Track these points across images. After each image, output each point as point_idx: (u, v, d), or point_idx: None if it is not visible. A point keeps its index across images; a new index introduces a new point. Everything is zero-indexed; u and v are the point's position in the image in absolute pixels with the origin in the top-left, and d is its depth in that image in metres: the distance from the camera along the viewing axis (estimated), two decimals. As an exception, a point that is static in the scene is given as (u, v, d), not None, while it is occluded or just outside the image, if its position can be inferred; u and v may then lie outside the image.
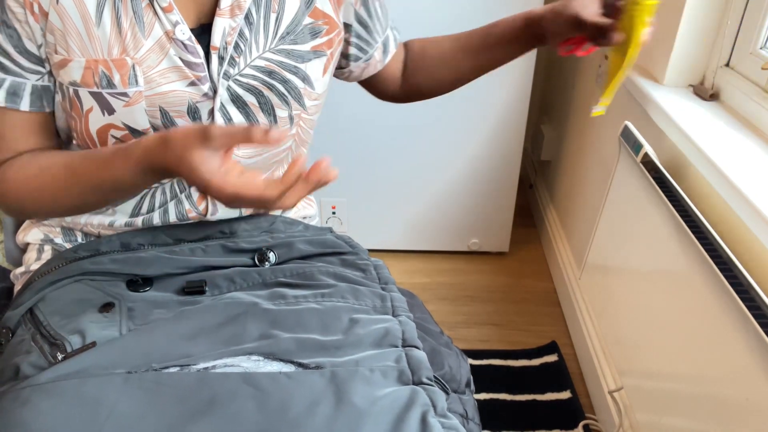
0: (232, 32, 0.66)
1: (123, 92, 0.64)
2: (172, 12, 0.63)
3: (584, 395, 1.38)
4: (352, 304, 0.68)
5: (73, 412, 0.53)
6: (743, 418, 0.72)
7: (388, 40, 0.84)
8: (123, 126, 0.66)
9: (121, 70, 0.63)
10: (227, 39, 0.66)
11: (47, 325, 0.64)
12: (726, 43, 1.01)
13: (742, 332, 0.72)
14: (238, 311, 0.64)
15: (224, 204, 0.57)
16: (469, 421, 0.69)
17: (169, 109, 0.67)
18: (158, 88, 0.65)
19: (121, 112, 0.65)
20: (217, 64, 0.66)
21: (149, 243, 0.74)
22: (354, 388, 0.56)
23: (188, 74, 0.65)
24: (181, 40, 0.64)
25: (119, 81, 0.63)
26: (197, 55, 0.65)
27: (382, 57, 0.84)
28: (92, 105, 0.65)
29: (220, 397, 0.54)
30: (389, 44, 0.85)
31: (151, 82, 0.64)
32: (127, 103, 0.65)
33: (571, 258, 1.64)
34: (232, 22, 0.66)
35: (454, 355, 0.76)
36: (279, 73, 0.70)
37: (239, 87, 0.69)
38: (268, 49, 0.69)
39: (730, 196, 0.79)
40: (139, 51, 0.63)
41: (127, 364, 0.57)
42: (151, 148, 0.58)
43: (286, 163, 0.83)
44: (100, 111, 0.65)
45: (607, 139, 1.38)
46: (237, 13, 0.66)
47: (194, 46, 0.65)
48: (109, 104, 0.65)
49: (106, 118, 0.66)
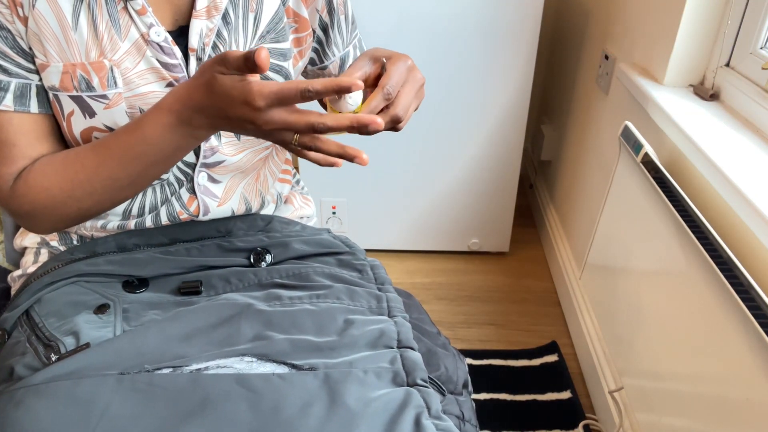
0: (209, 33, 0.66)
1: (102, 94, 0.64)
2: (146, 14, 0.63)
3: (584, 395, 1.38)
4: (348, 305, 0.68)
5: (66, 413, 0.52)
6: (743, 418, 0.72)
7: (347, 57, 0.83)
8: (105, 128, 0.66)
9: (100, 72, 0.63)
10: (205, 40, 0.66)
11: (42, 326, 0.64)
12: (726, 43, 1.01)
13: (742, 332, 0.72)
14: (233, 312, 0.64)
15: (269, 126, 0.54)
16: (465, 423, 0.69)
17: None
18: (137, 89, 0.65)
19: (102, 115, 0.65)
20: (196, 66, 0.66)
21: (145, 243, 0.74)
22: (347, 390, 0.55)
23: (166, 75, 0.65)
24: (156, 42, 0.64)
25: (98, 83, 0.63)
26: (174, 56, 0.65)
27: (337, 72, 0.84)
28: (73, 108, 0.65)
29: (212, 399, 0.54)
30: (347, 61, 0.84)
31: (129, 84, 0.64)
32: (107, 105, 0.64)
33: (571, 258, 1.63)
34: (209, 23, 0.66)
35: (451, 356, 0.75)
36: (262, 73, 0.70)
37: None
38: (248, 49, 0.69)
39: (730, 196, 0.78)
40: (117, 53, 0.63)
41: (120, 365, 0.57)
42: (182, 87, 0.58)
43: (271, 161, 0.82)
44: (81, 114, 0.65)
45: (607, 139, 1.37)
46: (214, 14, 0.66)
47: (171, 48, 0.64)
48: (89, 107, 0.64)
49: (88, 120, 0.66)
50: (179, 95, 0.58)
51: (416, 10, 1.47)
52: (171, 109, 0.59)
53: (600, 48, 1.47)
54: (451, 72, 1.54)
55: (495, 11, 1.46)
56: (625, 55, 1.28)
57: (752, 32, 0.95)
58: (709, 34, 1.03)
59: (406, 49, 1.51)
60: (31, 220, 0.66)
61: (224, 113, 0.55)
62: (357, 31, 0.84)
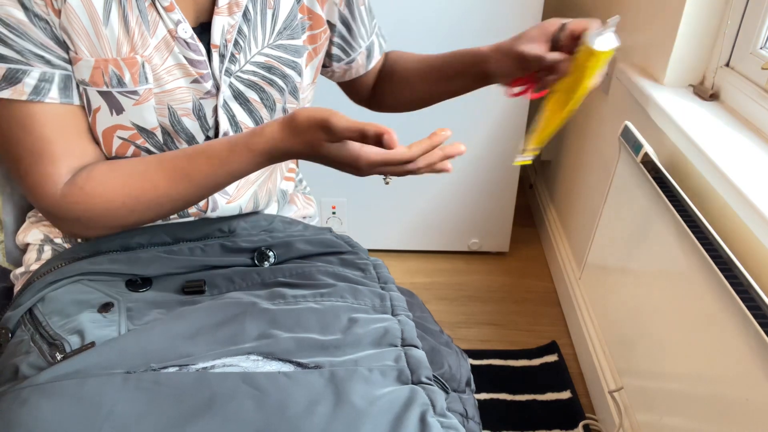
0: (231, 30, 0.67)
1: (133, 90, 0.64)
2: (174, 11, 0.64)
3: (584, 395, 1.38)
4: (351, 304, 0.68)
5: (72, 412, 0.52)
6: (743, 418, 0.72)
7: (372, 46, 0.84)
8: (131, 125, 0.66)
9: (132, 68, 0.63)
10: (227, 37, 0.67)
11: (46, 325, 0.64)
12: (726, 43, 1.01)
13: (742, 332, 0.72)
14: (237, 311, 0.64)
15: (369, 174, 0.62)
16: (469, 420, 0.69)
17: (177, 107, 0.67)
18: (166, 85, 0.65)
19: (131, 111, 0.65)
20: (218, 62, 0.67)
21: (148, 242, 0.74)
22: (353, 388, 0.56)
23: (192, 72, 0.66)
24: (183, 39, 0.65)
25: (130, 79, 0.63)
26: (200, 52, 0.66)
27: (365, 62, 0.85)
28: (100, 104, 0.65)
29: (218, 397, 0.54)
30: (374, 50, 0.85)
31: (159, 80, 0.65)
32: (137, 102, 0.65)
33: (571, 258, 1.64)
34: (231, 20, 0.66)
35: (453, 354, 0.76)
36: (278, 69, 0.71)
37: (241, 83, 0.70)
38: (266, 45, 0.70)
39: (730, 196, 0.78)
40: (147, 49, 0.63)
41: (125, 364, 0.57)
42: (279, 138, 0.62)
43: (277, 167, 0.83)
44: (108, 111, 0.65)
45: (607, 139, 1.37)
46: (235, 11, 0.66)
47: (196, 44, 0.65)
48: (118, 103, 0.65)
49: (114, 118, 0.66)
50: (275, 143, 0.62)
51: (416, 10, 1.47)
52: (263, 152, 0.63)
53: (600, 48, 1.47)
54: (451, 72, 1.55)
55: (495, 11, 1.47)
56: (625, 55, 1.29)
57: (752, 32, 0.96)
58: (709, 34, 1.03)
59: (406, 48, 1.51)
60: (80, 225, 0.66)
61: (326, 162, 0.62)
62: (375, 18, 0.84)
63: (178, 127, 0.69)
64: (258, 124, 0.73)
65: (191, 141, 0.70)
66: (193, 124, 0.69)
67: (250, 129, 0.64)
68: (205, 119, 0.70)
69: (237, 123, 0.72)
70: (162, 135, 0.69)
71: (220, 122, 0.70)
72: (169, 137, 0.69)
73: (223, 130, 0.71)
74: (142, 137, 0.68)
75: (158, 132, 0.68)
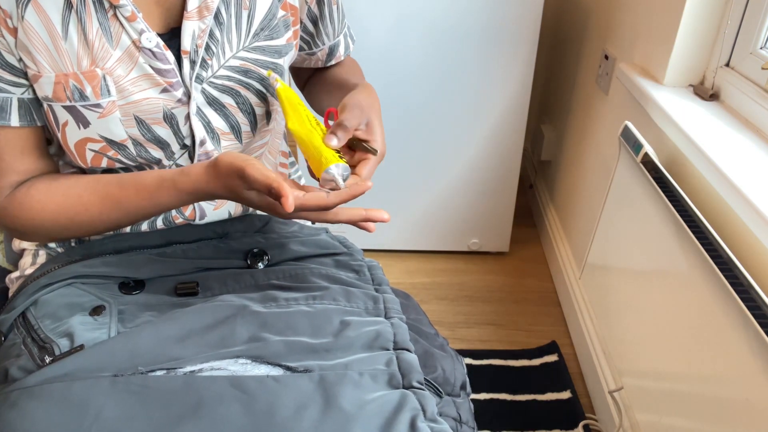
0: (201, 34, 0.65)
1: (96, 103, 0.63)
2: (137, 21, 0.62)
3: (584, 395, 1.37)
4: (344, 307, 0.67)
5: (59, 415, 0.52)
6: (743, 418, 0.72)
7: (337, 46, 0.83)
8: (100, 138, 0.66)
9: (92, 81, 0.62)
10: (197, 42, 0.65)
11: (38, 328, 0.64)
12: (726, 43, 1.00)
13: (742, 332, 0.72)
14: (228, 313, 0.63)
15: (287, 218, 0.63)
16: (462, 425, 0.68)
17: (145, 117, 0.66)
18: (131, 96, 0.64)
19: (97, 124, 0.65)
20: (189, 69, 0.66)
21: (141, 245, 0.74)
22: (342, 392, 0.55)
23: (160, 81, 0.65)
24: (148, 48, 0.63)
25: (91, 93, 0.63)
26: (166, 61, 0.64)
27: (325, 59, 0.84)
28: (67, 119, 0.64)
29: (206, 401, 0.53)
30: (337, 50, 0.84)
31: (123, 92, 0.64)
32: (101, 114, 0.64)
33: (571, 258, 1.63)
34: (201, 24, 0.65)
35: (448, 358, 0.75)
36: (256, 72, 0.70)
37: (214, 89, 0.68)
38: (242, 48, 0.68)
39: (730, 196, 0.78)
40: (109, 61, 0.62)
41: (114, 366, 0.57)
42: (202, 180, 0.63)
43: (265, 159, 0.82)
44: (75, 124, 0.65)
45: (607, 139, 1.37)
46: (205, 15, 0.65)
47: (163, 53, 0.64)
48: (83, 117, 0.64)
49: (82, 131, 0.65)
50: (199, 185, 0.63)
51: (416, 10, 1.46)
52: (189, 191, 0.64)
53: (600, 48, 1.46)
54: (450, 72, 1.54)
55: (495, 11, 1.46)
56: (625, 55, 1.28)
57: (752, 32, 0.95)
58: (709, 34, 1.03)
59: (406, 49, 1.51)
60: (19, 234, 0.70)
61: (249, 205, 0.63)
62: (346, 19, 0.84)
63: (149, 136, 0.67)
64: (234, 129, 0.72)
65: (166, 149, 0.69)
66: (166, 132, 0.68)
67: (179, 168, 0.65)
68: (179, 128, 0.68)
69: (213, 129, 0.70)
70: (134, 147, 0.67)
71: (195, 130, 0.69)
72: (143, 147, 0.68)
73: (200, 137, 0.70)
74: (112, 149, 0.67)
75: (129, 144, 0.67)
